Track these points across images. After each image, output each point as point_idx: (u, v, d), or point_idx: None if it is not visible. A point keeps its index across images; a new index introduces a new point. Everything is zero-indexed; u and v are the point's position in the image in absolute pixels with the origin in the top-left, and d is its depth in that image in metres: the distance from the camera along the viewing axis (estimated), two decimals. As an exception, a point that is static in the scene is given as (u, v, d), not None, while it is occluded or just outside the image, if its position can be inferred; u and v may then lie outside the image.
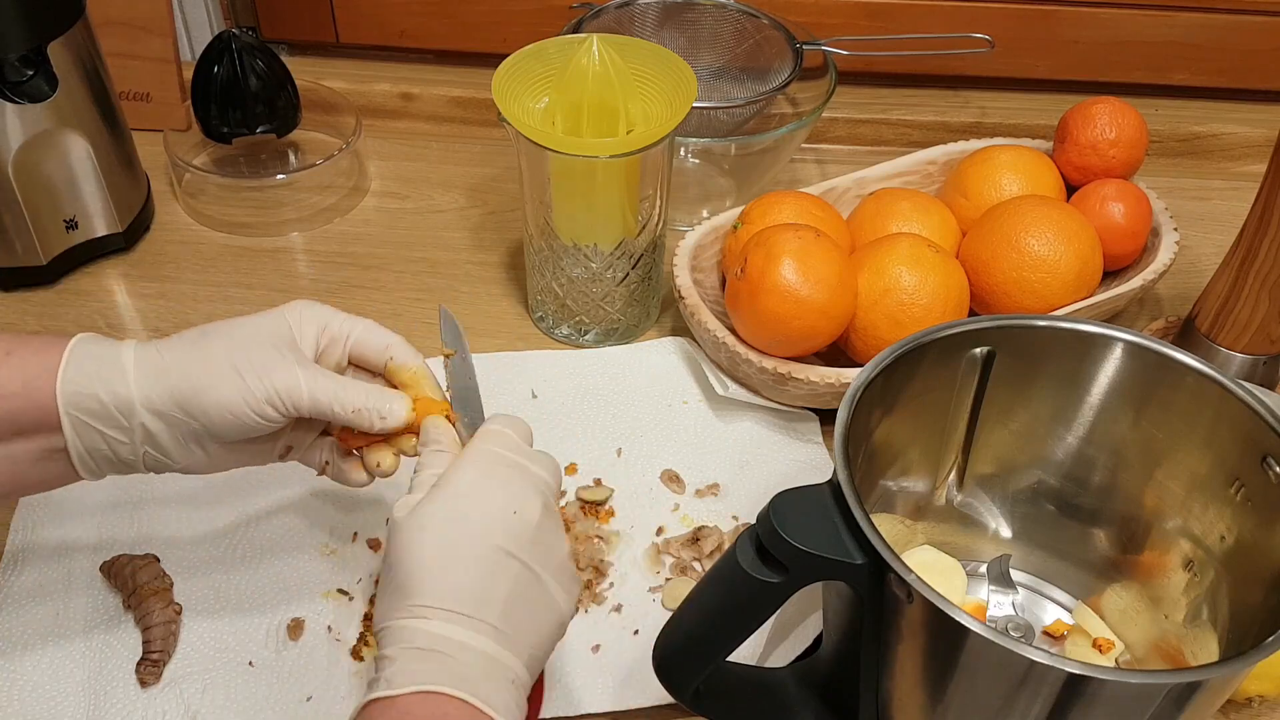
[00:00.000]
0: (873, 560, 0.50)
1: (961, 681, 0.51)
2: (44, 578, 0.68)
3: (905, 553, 0.68)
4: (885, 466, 0.64)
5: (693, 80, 0.77)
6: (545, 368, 0.84)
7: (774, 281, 0.73)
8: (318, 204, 0.97)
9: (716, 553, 0.72)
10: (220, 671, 0.65)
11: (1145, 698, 0.47)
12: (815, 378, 0.75)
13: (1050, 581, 0.69)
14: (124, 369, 0.56)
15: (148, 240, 0.93)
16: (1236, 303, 0.76)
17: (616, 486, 0.76)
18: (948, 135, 1.03)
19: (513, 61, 0.77)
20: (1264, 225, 0.72)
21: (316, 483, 0.74)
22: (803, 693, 0.62)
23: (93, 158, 0.85)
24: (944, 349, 0.60)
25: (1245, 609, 0.57)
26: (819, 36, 0.96)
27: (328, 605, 0.68)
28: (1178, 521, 0.61)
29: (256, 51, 0.91)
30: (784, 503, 0.51)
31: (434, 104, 1.07)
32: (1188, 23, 1.05)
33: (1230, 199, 1.03)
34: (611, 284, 0.83)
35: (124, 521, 0.71)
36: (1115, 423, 0.62)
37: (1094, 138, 0.87)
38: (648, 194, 0.80)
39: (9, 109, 0.79)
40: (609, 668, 0.66)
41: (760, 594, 0.52)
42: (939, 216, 0.85)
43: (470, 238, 0.95)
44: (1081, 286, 0.80)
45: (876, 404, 0.58)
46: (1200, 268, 0.94)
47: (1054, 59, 1.08)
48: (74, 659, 0.65)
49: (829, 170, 1.04)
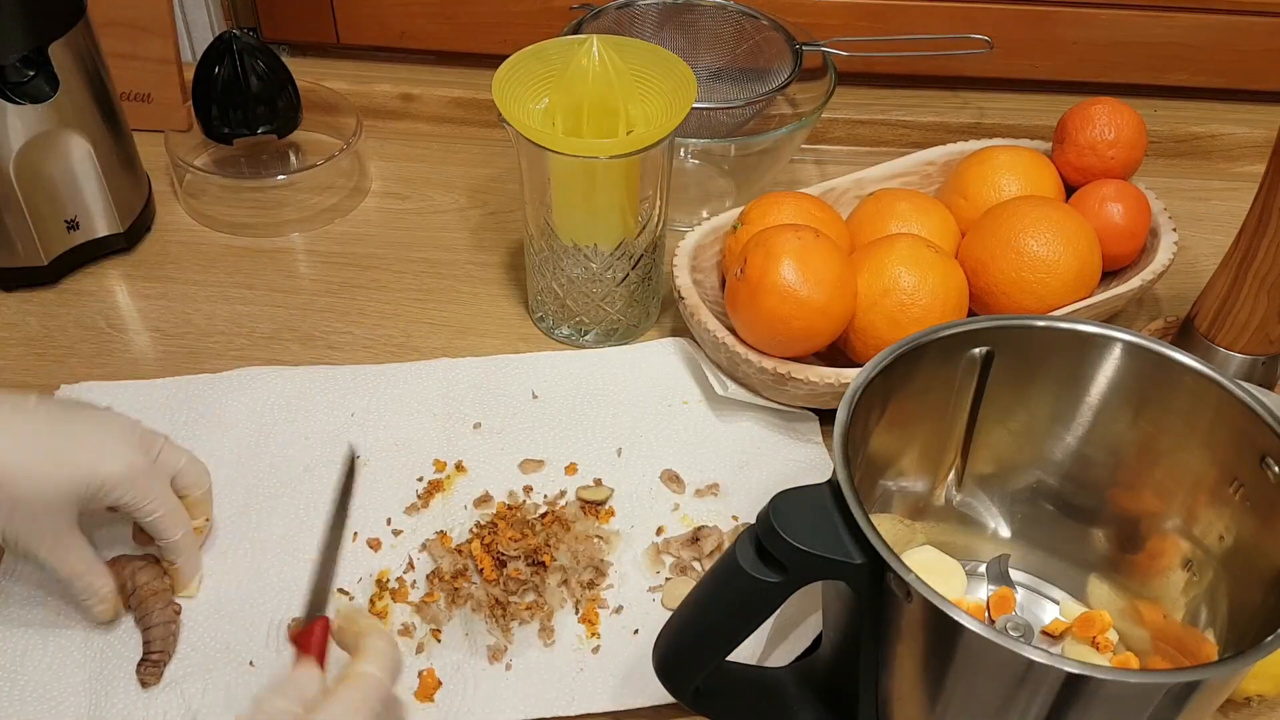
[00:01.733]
0: (872, 560, 0.50)
1: (960, 681, 0.51)
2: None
3: (905, 553, 0.68)
4: (885, 466, 0.64)
5: (692, 81, 0.77)
6: (545, 368, 0.84)
7: (774, 282, 0.74)
8: (318, 204, 0.97)
9: (716, 553, 0.72)
10: (220, 671, 0.65)
11: (1144, 697, 0.48)
12: (815, 378, 0.75)
13: (1049, 581, 0.69)
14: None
15: (149, 241, 0.94)
16: (1235, 303, 0.76)
17: (616, 486, 0.76)
18: (947, 136, 1.03)
19: (513, 62, 0.77)
20: (1263, 225, 0.72)
21: (317, 483, 0.75)
22: (803, 692, 0.62)
23: (94, 158, 0.85)
24: (943, 349, 0.60)
25: (1244, 609, 0.57)
26: (818, 37, 0.96)
27: (328, 605, 0.68)
28: (1176, 521, 0.61)
29: (257, 52, 0.91)
30: (784, 503, 0.52)
31: (434, 105, 1.07)
32: (1186, 23, 1.05)
33: (1229, 199, 1.03)
34: (611, 284, 0.83)
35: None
36: (1114, 423, 0.62)
37: (1093, 138, 0.87)
38: (648, 194, 0.80)
39: (10, 109, 0.79)
40: (609, 668, 0.66)
41: (760, 594, 0.52)
42: (938, 217, 0.85)
43: (470, 238, 0.96)
44: (1080, 287, 0.80)
45: (876, 404, 0.58)
46: (1199, 268, 0.94)
47: (1053, 59, 1.08)
48: (74, 659, 0.65)
49: (828, 171, 1.04)
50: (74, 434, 0.62)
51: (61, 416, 0.63)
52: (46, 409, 0.63)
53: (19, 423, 0.61)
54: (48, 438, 0.61)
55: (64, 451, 0.61)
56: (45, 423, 0.62)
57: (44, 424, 0.62)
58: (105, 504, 0.63)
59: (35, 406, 0.63)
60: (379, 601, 0.69)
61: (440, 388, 0.81)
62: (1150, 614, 0.64)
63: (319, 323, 0.87)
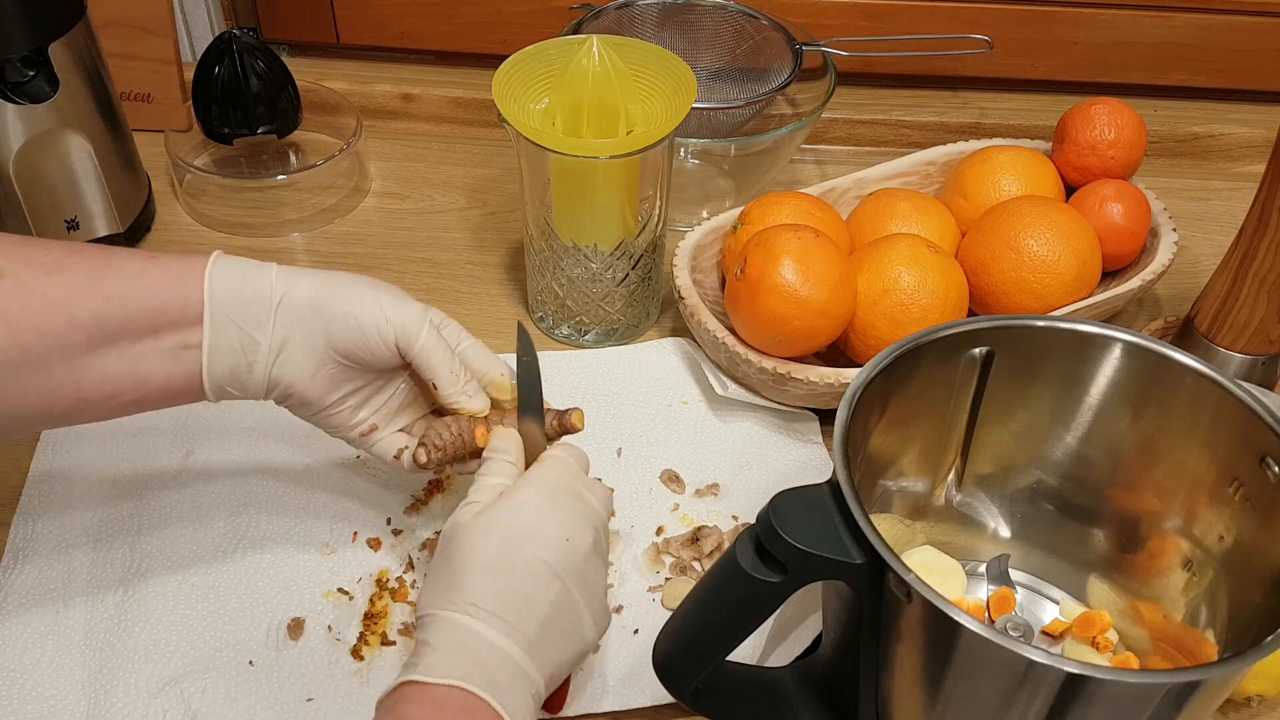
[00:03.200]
0: (872, 560, 0.50)
1: (960, 681, 0.51)
2: (44, 577, 0.69)
3: (905, 553, 0.68)
4: (884, 466, 0.64)
5: (692, 81, 0.77)
6: (545, 368, 0.83)
7: (774, 282, 0.74)
8: (318, 204, 0.97)
9: (716, 553, 0.72)
10: (220, 671, 0.65)
11: (1144, 697, 0.48)
12: (815, 378, 0.75)
13: (1049, 581, 0.69)
14: (268, 272, 0.59)
15: (149, 240, 0.94)
16: (1235, 303, 0.76)
17: (616, 486, 0.76)
18: (947, 136, 1.03)
19: (513, 62, 0.77)
20: (1263, 225, 0.72)
21: (318, 483, 0.75)
22: (803, 692, 0.62)
23: (94, 158, 0.85)
24: (943, 349, 0.60)
25: (1244, 608, 0.57)
26: (818, 37, 0.96)
27: (328, 605, 0.68)
28: (1176, 521, 0.62)
29: (257, 52, 0.91)
30: (784, 503, 0.52)
31: (434, 105, 1.07)
32: (1186, 23, 1.05)
33: (1229, 199, 1.03)
34: (611, 284, 0.83)
35: (124, 522, 0.72)
36: (1114, 423, 0.62)
37: (1093, 138, 0.87)
38: (647, 194, 0.80)
39: (10, 109, 0.79)
40: (609, 668, 0.66)
41: (760, 594, 0.52)
42: (938, 217, 0.85)
43: (470, 238, 0.96)
44: (1080, 287, 0.80)
45: (876, 404, 0.58)
46: (1199, 268, 0.94)
47: (1053, 59, 1.08)
48: (74, 659, 0.65)
49: (828, 171, 1.04)
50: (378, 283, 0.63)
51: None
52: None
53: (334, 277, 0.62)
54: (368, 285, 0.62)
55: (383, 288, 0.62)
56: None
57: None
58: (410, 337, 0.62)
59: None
60: (379, 601, 0.69)
61: (440, 388, 0.81)
62: (1150, 614, 0.64)
63: (319, 323, 0.87)
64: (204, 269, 0.58)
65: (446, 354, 0.61)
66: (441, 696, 0.50)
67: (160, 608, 0.67)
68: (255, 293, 0.58)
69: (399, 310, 0.60)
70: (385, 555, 0.71)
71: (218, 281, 0.58)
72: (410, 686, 0.51)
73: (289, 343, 0.59)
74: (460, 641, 0.52)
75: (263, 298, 0.58)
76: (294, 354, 0.59)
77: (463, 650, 0.52)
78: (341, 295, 0.59)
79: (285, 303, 0.59)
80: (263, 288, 0.59)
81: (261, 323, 0.58)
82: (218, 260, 0.59)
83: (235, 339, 0.58)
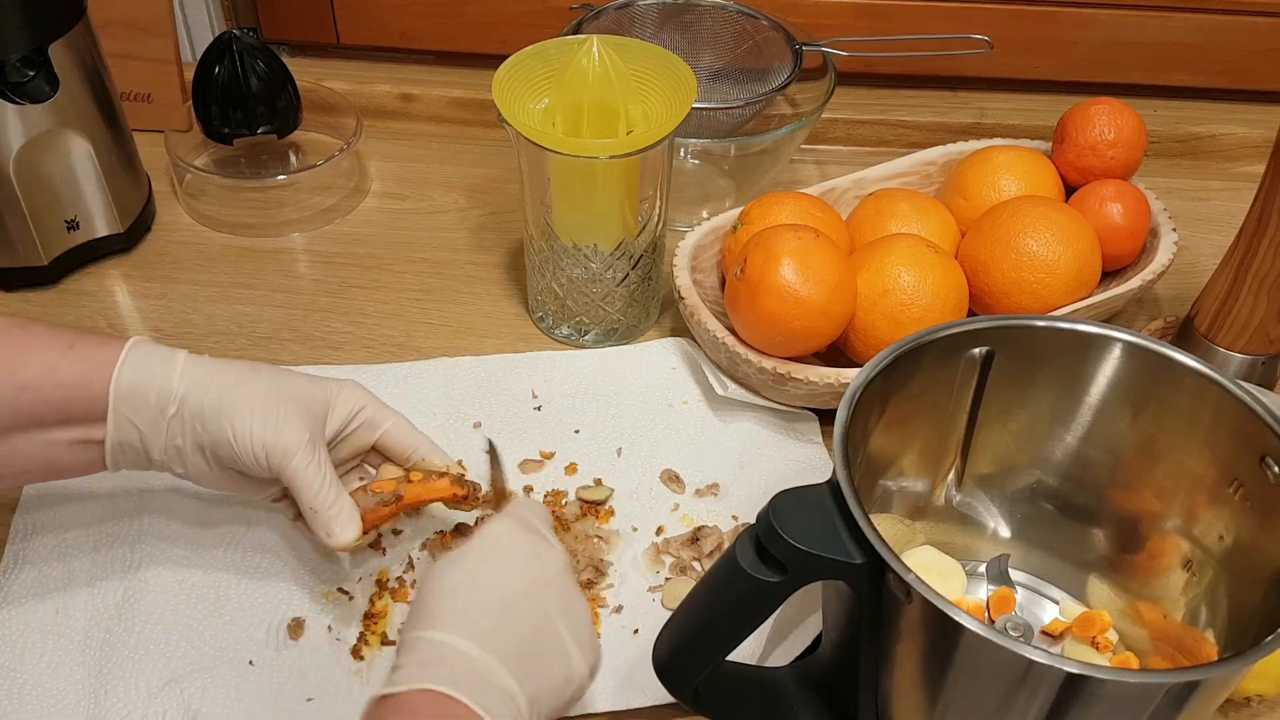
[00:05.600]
0: (872, 560, 0.50)
1: (960, 681, 0.51)
2: (44, 577, 0.69)
3: (904, 553, 0.68)
4: (884, 466, 0.64)
5: (692, 81, 0.77)
6: (545, 368, 0.84)
7: (774, 282, 0.74)
8: (318, 204, 0.97)
9: (716, 553, 0.72)
10: (220, 671, 0.65)
11: (1144, 697, 0.48)
12: (815, 378, 0.75)
13: (1049, 581, 0.69)
14: (173, 370, 0.61)
15: (149, 241, 0.94)
16: (1235, 303, 0.76)
17: (616, 486, 0.76)
18: (947, 136, 1.03)
19: (513, 62, 0.77)
20: (1262, 225, 0.72)
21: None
22: (803, 692, 0.62)
23: (94, 158, 0.85)
24: (943, 349, 0.60)
25: (1244, 608, 0.57)
26: (818, 37, 0.96)
27: (328, 605, 0.68)
28: (1176, 521, 0.62)
29: (257, 52, 0.91)
30: (783, 503, 0.52)
31: (434, 105, 1.07)
32: (1186, 23, 1.05)
33: (1229, 199, 1.03)
34: (611, 284, 0.83)
35: (124, 522, 0.72)
36: (1114, 423, 0.62)
37: (1093, 138, 0.87)
38: (647, 194, 0.80)
39: (10, 109, 0.79)
40: (609, 668, 0.66)
41: (760, 594, 0.52)
42: (938, 217, 0.85)
43: (470, 238, 0.96)
44: (1080, 287, 0.80)
45: (876, 404, 0.58)
46: (1199, 268, 0.94)
47: (1053, 59, 1.08)
48: (74, 659, 0.65)
49: (828, 171, 1.04)
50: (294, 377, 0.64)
51: (259, 367, 0.64)
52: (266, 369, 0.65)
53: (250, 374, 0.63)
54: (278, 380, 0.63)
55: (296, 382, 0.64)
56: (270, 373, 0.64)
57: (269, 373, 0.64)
58: (341, 420, 0.64)
59: (231, 362, 0.64)
60: (379, 601, 0.69)
61: (440, 387, 0.81)
62: (1150, 614, 0.64)
63: (319, 323, 0.87)
64: (115, 365, 0.60)
65: (316, 480, 0.61)
66: (417, 704, 0.49)
67: (160, 607, 0.67)
68: (157, 396, 0.60)
69: (277, 434, 0.61)
70: (385, 555, 0.71)
71: (124, 381, 0.60)
72: (383, 703, 0.50)
73: (183, 449, 0.62)
74: (432, 654, 0.51)
75: (162, 402, 0.60)
76: (188, 458, 0.62)
77: (436, 661, 0.51)
78: (226, 411, 0.61)
79: (178, 412, 0.61)
80: (164, 391, 0.60)
81: (158, 429, 0.61)
82: (131, 352, 0.61)
83: (135, 437, 0.61)
